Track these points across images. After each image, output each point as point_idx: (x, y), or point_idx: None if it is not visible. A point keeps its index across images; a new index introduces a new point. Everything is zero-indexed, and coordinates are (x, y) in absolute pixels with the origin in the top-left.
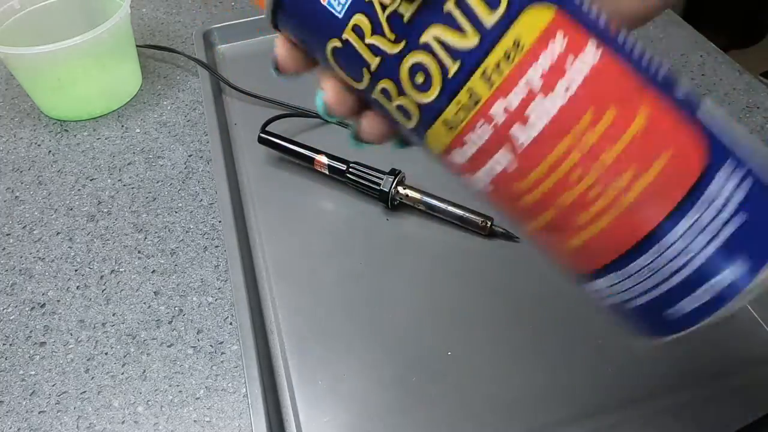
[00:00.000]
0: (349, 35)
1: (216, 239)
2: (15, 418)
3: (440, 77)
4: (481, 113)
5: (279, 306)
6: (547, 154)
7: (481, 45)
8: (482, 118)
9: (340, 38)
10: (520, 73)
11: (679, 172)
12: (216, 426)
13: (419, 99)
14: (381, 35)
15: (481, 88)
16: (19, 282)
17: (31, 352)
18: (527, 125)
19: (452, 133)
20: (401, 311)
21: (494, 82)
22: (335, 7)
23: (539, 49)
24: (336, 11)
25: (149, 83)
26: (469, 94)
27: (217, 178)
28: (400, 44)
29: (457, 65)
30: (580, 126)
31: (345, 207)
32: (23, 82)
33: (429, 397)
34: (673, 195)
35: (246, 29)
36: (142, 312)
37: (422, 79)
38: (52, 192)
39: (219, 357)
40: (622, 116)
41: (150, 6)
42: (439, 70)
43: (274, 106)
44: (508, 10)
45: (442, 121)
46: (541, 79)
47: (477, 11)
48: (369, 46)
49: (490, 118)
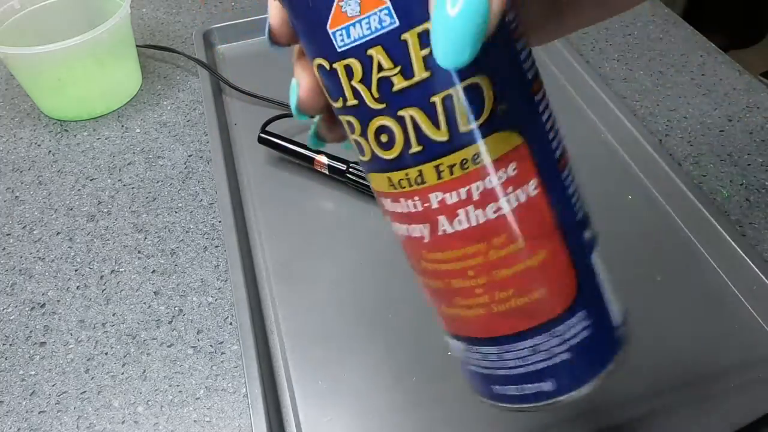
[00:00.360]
0: (339, 68)
1: (216, 239)
2: (15, 418)
3: (401, 149)
4: (421, 192)
5: (279, 306)
6: (457, 248)
7: (446, 144)
8: (420, 196)
9: (330, 64)
10: (466, 182)
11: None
12: (216, 426)
13: (377, 151)
14: (367, 88)
15: (430, 175)
16: (19, 282)
17: (31, 352)
18: (453, 221)
19: (391, 189)
20: (401, 311)
21: (443, 177)
22: (337, 40)
23: (490, 170)
24: (337, 44)
25: (149, 83)
26: (418, 173)
27: (217, 178)
28: (380, 105)
29: (419, 148)
30: (492, 242)
31: (345, 207)
32: (23, 82)
33: (429, 397)
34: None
35: (246, 29)
36: (142, 312)
37: (386, 140)
38: (52, 192)
39: (219, 357)
40: (527, 249)
41: (150, 6)
42: (403, 142)
43: (274, 106)
44: (482, 127)
45: (387, 177)
46: (480, 195)
47: (456, 116)
48: (353, 88)
49: (426, 200)
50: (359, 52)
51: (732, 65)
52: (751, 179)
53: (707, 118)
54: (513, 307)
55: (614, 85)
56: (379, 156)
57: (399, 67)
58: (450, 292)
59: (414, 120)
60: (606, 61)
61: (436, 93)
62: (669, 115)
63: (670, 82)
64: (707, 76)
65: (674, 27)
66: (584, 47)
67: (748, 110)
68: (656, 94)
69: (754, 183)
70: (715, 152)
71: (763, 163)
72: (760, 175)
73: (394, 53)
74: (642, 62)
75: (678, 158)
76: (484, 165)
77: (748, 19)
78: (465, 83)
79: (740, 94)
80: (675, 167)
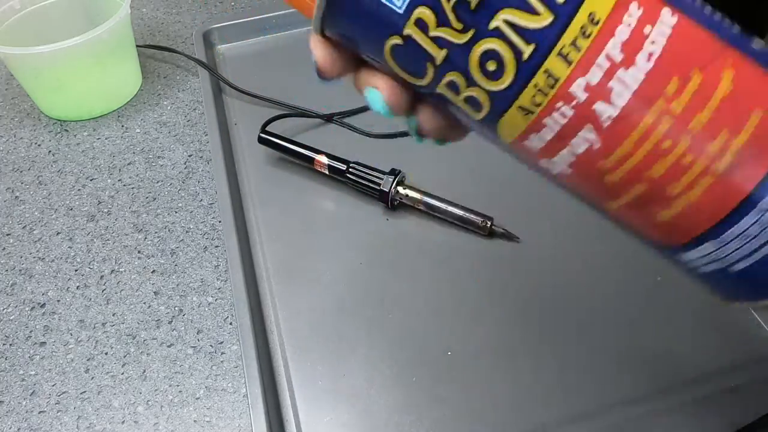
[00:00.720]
0: (412, 30)
1: (216, 239)
2: (15, 418)
3: (514, 62)
4: (560, 94)
5: (279, 306)
6: (634, 128)
7: (556, 23)
8: (562, 99)
9: (401, 34)
10: (599, 48)
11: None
12: (216, 426)
13: (491, 87)
14: (447, 26)
15: (558, 68)
16: (19, 282)
17: (31, 352)
18: (611, 100)
19: (528, 118)
20: (401, 311)
21: (572, 60)
22: (395, 2)
23: (615, 22)
24: (396, 6)
25: (149, 83)
26: (546, 76)
27: (217, 178)
28: (469, 33)
29: (532, 47)
30: (666, 94)
31: (345, 207)
32: (23, 82)
33: (429, 396)
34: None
35: (246, 29)
36: (142, 312)
37: (494, 66)
38: (52, 192)
39: (219, 357)
40: (708, 80)
41: (150, 6)
42: (513, 55)
43: (274, 106)
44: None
45: (518, 107)
46: (622, 52)
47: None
48: (434, 39)
49: (570, 98)
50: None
51: None
52: None
53: None
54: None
55: None
56: (498, 90)
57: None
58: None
59: (510, 23)
60: None
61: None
62: None
63: None
64: None
65: None
66: None
67: None
68: None
69: None
70: None
71: None
72: None
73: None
74: None
75: None
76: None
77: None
78: None
79: None
80: None
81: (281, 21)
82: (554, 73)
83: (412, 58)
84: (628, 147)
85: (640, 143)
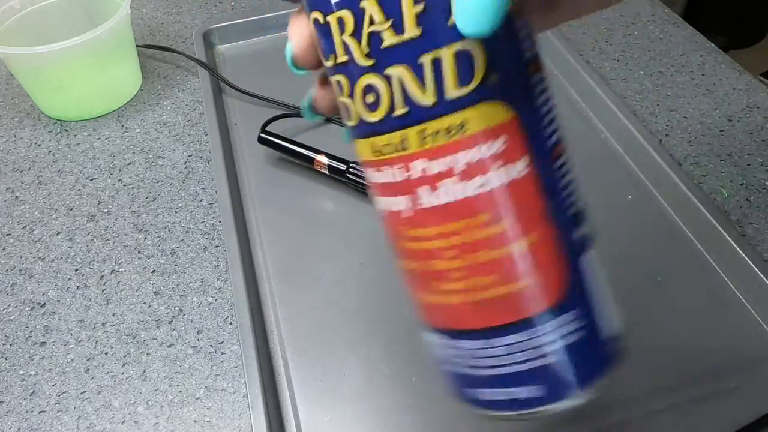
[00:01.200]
0: (332, 20)
1: (216, 239)
2: (15, 418)
3: (386, 110)
4: (403, 159)
5: (279, 306)
6: (437, 224)
7: (432, 108)
8: (402, 163)
9: (324, 17)
10: (450, 151)
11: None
12: (216, 426)
13: (361, 113)
14: (357, 42)
15: (413, 140)
16: (19, 282)
17: (31, 352)
18: (434, 193)
19: (374, 155)
20: (401, 311)
21: (426, 144)
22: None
23: (478, 141)
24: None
25: (149, 83)
26: (401, 139)
27: (217, 178)
28: (369, 61)
29: (404, 110)
30: (474, 220)
31: (345, 207)
32: (23, 82)
33: (429, 397)
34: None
35: (246, 29)
36: (142, 312)
37: (372, 100)
38: (52, 192)
39: (219, 357)
40: (512, 231)
41: (150, 6)
42: (388, 104)
43: (274, 106)
44: (472, 94)
45: (371, 142)
46: (465, 166)
47: (445, 79)
48: (344, 43)
49: (408, 168)
50: (353, 4)
51: (732, 65)
52: (751, 179)
53: (707, 118)
54: (495, 296)
55: (614, 85)
56: (365, 118)
57: (390, 22)
58: (428, 275)
59: (401, 79)
60: (606, 61)
61: (425, 53)
62: (669, 115)
63: (670, 82)
64: (707, 76)
65: (674, 27)
66: (584, 47)
67: (748, 110)
68: (656, 94)
69: (754, 183)
70: (715, 152)
71: (763, 163)
72: (760, 175)
73: (386, 7)
74: (642, 62)
75: (678, 158)
76: (470, 135)
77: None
78: (457, 46)
79: (740, 94)
80: (675, 167)
81: (281, 21)
82: (408, 143)
83: (325, 41)
84: (426, 234)
85: (435, 237)
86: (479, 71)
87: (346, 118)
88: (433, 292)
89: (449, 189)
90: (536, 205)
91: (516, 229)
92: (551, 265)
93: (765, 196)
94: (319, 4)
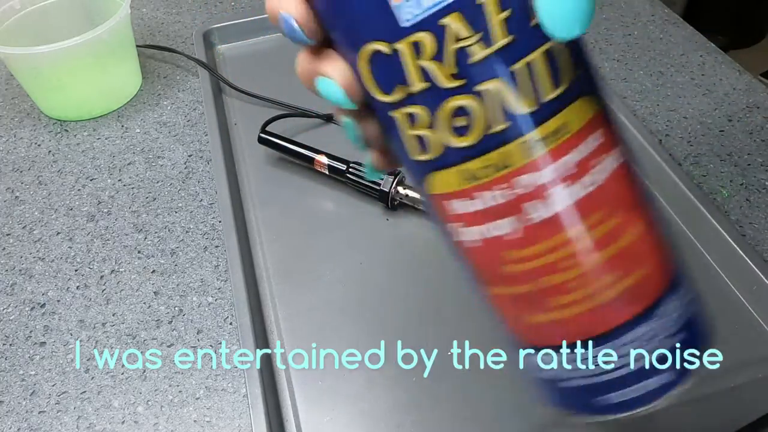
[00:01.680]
0: (404, 47)
1: (216, 239)
2: (15, 418)
3: (482, 130)
4: (505, 178)
5: (279, 306)
6: (550, 237)
7: (534, 115)
8: (505, 183)
9: (391, 45)
10: (557, 156)
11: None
12: (216, 426)
13: (448, 140)
14: (440, 63)
15: (517, 155)
16: (19, 282)
17: (31, 352)
18: (544, 204)
19: (466, 183)
20: (401, 311)
21: (530, 155)
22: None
23: (581, 138)
24: (401, 18)
25: (149, 83)
26: (502, 157)
27: (217, 178)
28: (457, 82)
29: (503, 126)
30: (588, 221)
31: (345, 207)
32: (23, 82)
33: (429, 397)
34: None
35: (246, 29)
36: (142, 312)
37: (462, 123)
38: (52, 192)
39: (219, 357)
40: (622, 224)
41: (150, 6)
42: (483, 123)
43: (274, 106)
44: (567, 92)
45: (462, 170)
46: (574, 167)
47: (541, 82)
48: (421, 69)
49: (512, 186)
50: (431, 24)
51: (732, 65)
52: (751, 179)
53: (707, 118)
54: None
55: (614, 85)
56: (452, 145)
57: (478, 35)
58: (541, 293)
59: (496, 93)
60: (606, 61)
61: (518, 60)
62: (669, 115)
63: (670, 82)
64: (707, 76)
65: (674, 27)
66: None
67: (748, 110)
68: (656, 94)
69: (754, 183)
70: (715, 152)
71: (763, 163)
72: (760, 175)
73: (472, 19)
74: (642, 62)
75: (678, 158)
76: (573, 134)
77: (748, 19)
78: (546, 47)
79: (740, 94)
80: (675, 167)
81: None
82: (510, 159)
83: (387, 73)
84: (537, 250)
85: (548, 252)
86: (569, 68)
87: (417, 151)
88: (548, 309)
89: (559, 196)
90: (636, 190)
91: (627, 219)
92: (663, 244)
93: (765, 196)
94: (380, 34)
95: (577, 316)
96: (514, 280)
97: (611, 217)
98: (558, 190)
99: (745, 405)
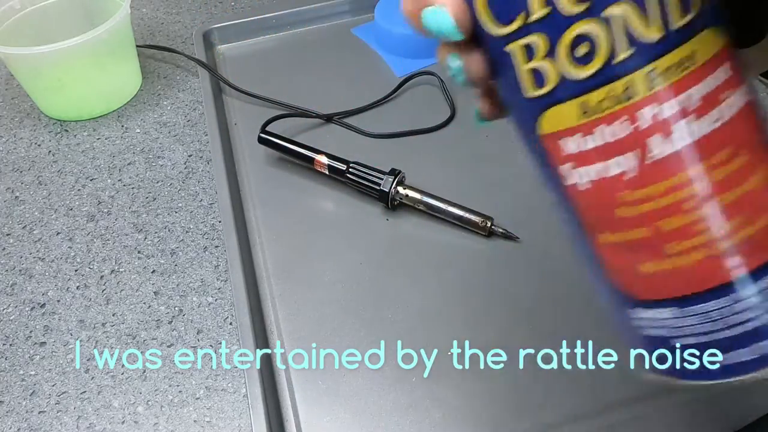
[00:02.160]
0: None
1: (216, 239)
2: (15, 418)
3: (605, 58)
4: (628, 110)
5: (279, 306)
6: (672, 175)
7: (661, 43)
8: (626, 115)
9: None
10: (683, 87)
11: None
12: (216, 426)
13: (568, 70)
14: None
15: (641, 86)
16: (19, 282)
17: (31, 352)
18: (667, 140)
19: (584, 117)
20: (401, 311)
21: (656, 86)
22: None
23: (708, 71)
24: None
25: (149, 83)
26: (625, 87)
27: (217, 178)
28: (582, 6)
29: (628, 53)
30: (713, 160)
31: (345, 207)
32: (23, 82)
33: (429, 397)
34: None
35: (246, 29)
36: (142, 312)
37: (585, 51)
38: (52, 192)
39: (219, 357)
40: (750, 164)
41: (150, 6)
42: (608, 50)
43: (274, 106)
44: (696, 20)
45: (581, 102)
46: (700, 100)
47: (670, 8)
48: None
49: (634, 119)
50: None
51: None
52: None
53: None
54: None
55: None
56: (572, 76)
57: None
58: (660, 238)
59: (623, 18)
60: None
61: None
62: None
63: None
64: None
65: None
66: None
67: None
68: None
69: None
70: None
71: None
72: None
73: None
74: None
75: None
76: (700, 65)
77: (748, 19)
78: None
79: None
80: None
81: (281, 21)
82: (634, 89)
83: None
84: (657, 190)
85: (668, 192)
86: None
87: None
88: (666, 256)
89: (685, 131)
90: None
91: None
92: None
93: None
94: None
95: (695, 265)
96: (628, 224)
97: (737, 156)
98: (682, 124)
99: (745, 405)
